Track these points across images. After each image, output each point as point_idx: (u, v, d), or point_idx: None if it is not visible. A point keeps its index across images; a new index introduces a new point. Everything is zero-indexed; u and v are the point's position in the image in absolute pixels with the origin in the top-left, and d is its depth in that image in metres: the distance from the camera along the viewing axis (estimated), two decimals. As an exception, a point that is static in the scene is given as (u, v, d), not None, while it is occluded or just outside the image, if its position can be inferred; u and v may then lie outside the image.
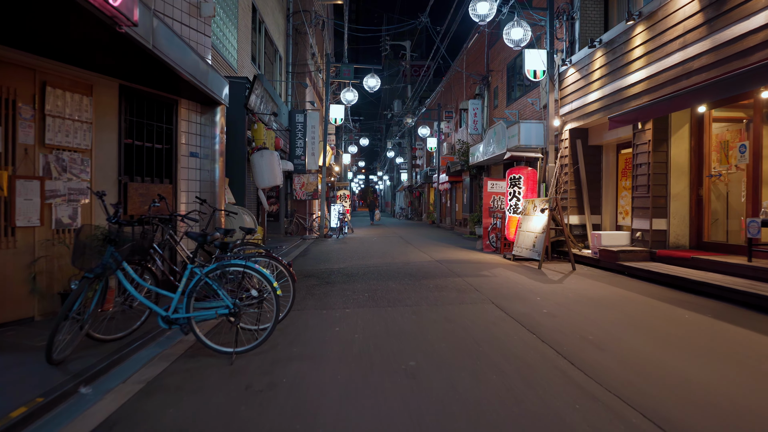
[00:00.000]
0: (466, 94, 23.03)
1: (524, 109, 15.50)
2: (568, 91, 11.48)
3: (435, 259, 10.71)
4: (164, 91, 6.54)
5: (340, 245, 15.08)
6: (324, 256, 11.90)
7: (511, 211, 11.07)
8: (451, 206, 26.84)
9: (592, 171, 11.36)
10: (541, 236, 9.30)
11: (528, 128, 13.44)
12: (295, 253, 12.64)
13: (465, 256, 11.48)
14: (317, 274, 8.79)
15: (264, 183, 8.87)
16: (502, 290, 6.90)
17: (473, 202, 21.41)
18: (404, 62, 38.64)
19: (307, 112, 18.36)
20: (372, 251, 12.88)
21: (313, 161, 18.61)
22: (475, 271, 8.81)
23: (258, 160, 8.79)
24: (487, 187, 13.09)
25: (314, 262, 10.54)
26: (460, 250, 13.23)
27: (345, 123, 35.02)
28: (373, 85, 18.74)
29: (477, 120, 19.99)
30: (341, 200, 25.36)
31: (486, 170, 19.52)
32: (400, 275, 8.39)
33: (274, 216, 17.82)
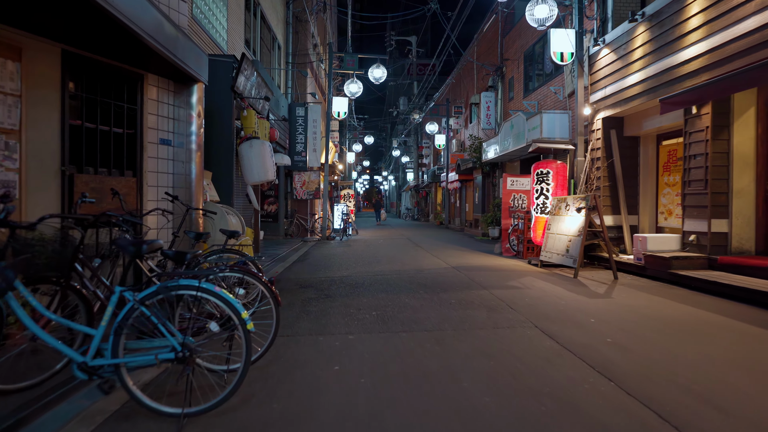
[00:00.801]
0: (478, 87, 21.73)
1: (545, 99, 14.19)
2: (600, 75, 10.16)
3: (451, 266, 9.41)
4: (126, 63, 5.29)
5: (344, 248, 13.81)
6: (325, 261, 10.63)
7: (537, 210, 9.77)
8: (461, 206, 25.53)
9: (627, 165, 10.04)
10: (577, 240, 7.99)
11: (551, 119, 12.13)
12: (294, 257, 11.37)
13: (484, 262, 10.17)
14: (316, 283, 7.51)
15: (253, 178, 7.62)
16: (541, 307, 5.60)
17: (486, 202, 20.09)
18: (411, 55, 37.31)
19: (308, 105, 17.09)
20: (379, 256, 11.59)
21: (314, 158, 17.34)
22: (501, 281, 7.50)
23: (246, 152, 7.55)
24: (506, 184, 11.78)
25: (314, 269, 9.27)
26: (477, 254, 11.92)
27: (349, 120, 33.80)
28: (378, 76, 17.45)
29: (490, 114, 18.68)
30: (345, 200, 24.11)
31: (500, 167, 18.20)
32: (414, 286, 7.10)
33: (272, 216, 16.57)
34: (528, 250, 10.67)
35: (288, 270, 9.20)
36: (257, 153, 7.62)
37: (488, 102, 18.68)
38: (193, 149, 6.05)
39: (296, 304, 6.01)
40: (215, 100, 7.78)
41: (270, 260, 10.64)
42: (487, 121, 18.65)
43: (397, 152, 44.92)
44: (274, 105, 14.46)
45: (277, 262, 10.55)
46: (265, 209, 16.62)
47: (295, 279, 8.06)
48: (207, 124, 7.82)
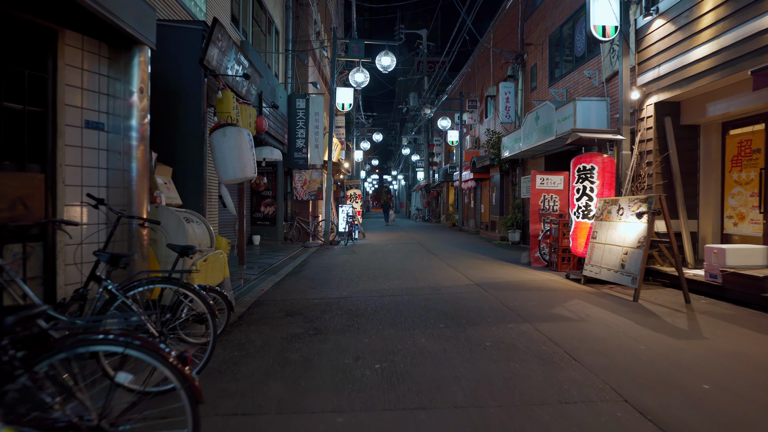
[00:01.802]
0: (494, 78, 20.03)
1: (575, 86, 12.49)
2: (651, 52, 8.46)
3: (474, 282, 7.76)
4: (29, 12, 3.73)
5: (348, 256, 12.21)
6: (324, 274, 9.03)
7: (579, 214, 8.08)
8: (476, 207, 23.83)
9: (684, 160, 8.34)
10: (637, 253, 6.30)
11: (586, 108, 10.45)
12: (288, 268, 9.79)
13: (512, 276, 8.52)
14: (307, 309, 5.91)
15: (227, 175, 6.04)
16: (617, 358, 3.94)
17: (504, 203, 18.40)
18: (421, 46, 35.65)
19: (309, 97, 15.53)
20: (387, 267, 9.97)
21: (316, 155, 15.78)
22: (543, 307, 5.85)
23: (218, 142, 5.97)
24: (535, 182, 10.12)
25: (308, 286, 7.67)
26: (500, 264, 10.26)
27: (357, 116, 32.21)
28: (387, 64, 15.85)
29: (509, 106, 16.98)
30: (351, 200, 22.54)
31: (521, 164, 16.51)
32: (431, 315, 5.47)
33: (270, 219, 15.03)
34: (563, 260, 9.00)
35: (277, 288, 7.62)
36: (232, 144, 6.03)
37: (507, 93, 16.99)
38: (133, 136, 4.47)
39: (273, 345, 4.41)
40: (180, 76, 6.22)
41: (259, 273, 9.07)
42: (506, 114, 16.96)
43: (406, 150, 43.27)
44: (270, 95, 12.91)
45: (267, 274, 8.98)
46: (262, 211, 15.08)
47: (282, 301, 6.47)
48: (169, 106, 6.25)
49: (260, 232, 15.01)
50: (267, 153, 8.61)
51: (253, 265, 10.05)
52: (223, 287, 6.17)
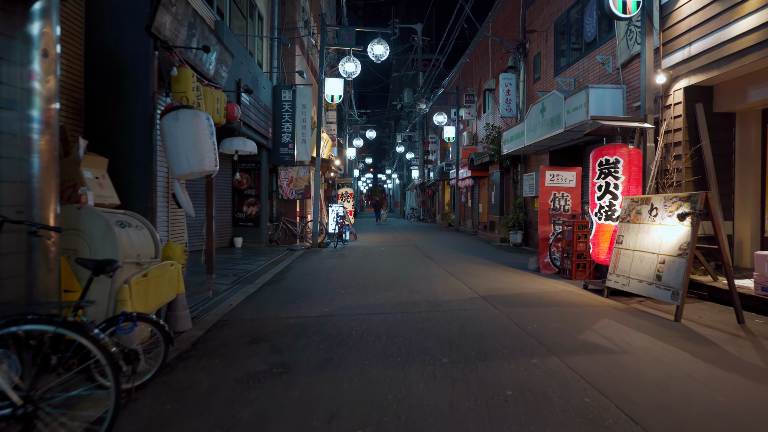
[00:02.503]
0: (493, 70, 18.96)
1: (585, 74, 11.42)
2: (680, 29, 7.40)
3: (479, 294, 6.67)
4: None
5: (336, 260, 11.09)
6: (306, 283, 7.92)
7: (601, 215, 6.96)
8: (473, 206, 22.76)
9: (717, 153, 7.29)
10: (678, 262, 5.22)
11: (600, 96, 9.39)
12: (267, 276, 8.67)
13: (521, 286, 7.43)
14: (276, 334, 4.79)
15: (181, 167, 4.91)
16: (694, 419, 2.85)
17: (505, 202, 17.33)
18: (415, 40, 34.49)
19: (296, 88, 14.40)
20: (379, 274, 8.87)
21: (303, 150, 14.66)
22: (570, 331, 4.76)
23: (170, 127, 4.84)
24: (544, 179, 9.04)
25: (285, 300, 6.55)
26: (505, 271, 9.18)
27: (349, 113, 31.09)
28: (380, 53, 14.74)
29: (510, 99, 15.91)
30: (343, 199, 21.43)
31: (523, 161, 15.45)
32: (432, 346, 4.36)
33: (253, 220, 13.89)
34: (578, 267, 7.93)
35: (249, 302, 6.49)
36: (187, 129, 4.90)
37: (508, 85, 15.91)
38: (35, 117, 3.34)
39: (222, 393, 3.29)
40: (122, 47, 5.10)
41: (232, 282, 7.94)
42: (506, 107, 15.88)
43: (401, 148, 42.16)
44: (251, 83, 11.77)
45: (242, 284, 7.85)
46: (244, 211, 13.93)
47: (249, 322, 5.35)
48: (107, 83, 5.13)
49: (242, 234, 13.88)
50: (239, 144, 7.46)
51: (228, 273, 8.93)
52: (176, 306, 5.06)
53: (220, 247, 13.44)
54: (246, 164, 13.95)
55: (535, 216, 14.29)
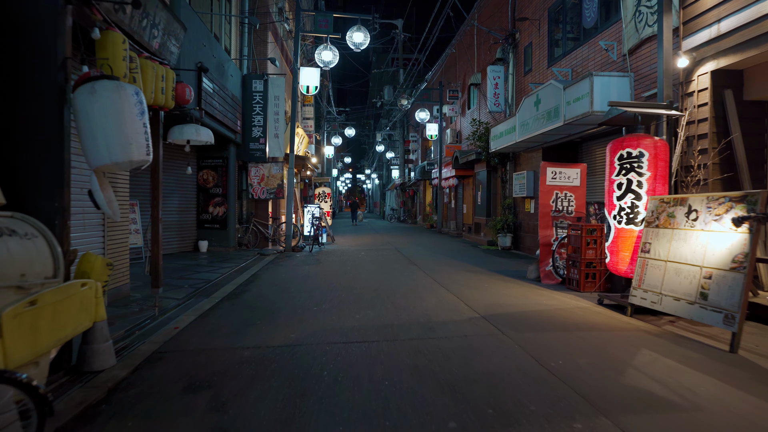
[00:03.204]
0: (479, 64, 17.98)
1: (584, 64, 10.46)
2: (707, 4, 6.43)
3: (479, 313, 5.58)
4: None
5: (311, 267, 9.91)
6: (272, 297, 6.73)
7: (621, 218, 5.88)
8: (457, 207, 21.76)
9: (748, 147, 6.35)
10: (732, 277, 4.19)
11: (605, 85, 8.43)
12: (229, 286, 7.46)
13: (525, 300, 6.38)
14: (222, 377, 3.62)
15: (99, 156, 3.70)
16: None
17: (492, 202, 16.34)
18: (396, 32, 33.35)
19: (268, 78, 13.17)
20: (358, 285, 7.72)
21: (276, 146, 13.44)
22: (608, 370, 3.69)
23: (84, 103, 3.65)
24: (545, 177, 8.02)
25: (243, 320, 5.37)
26: (501, 280, 8.13)
27: (327, 109, 29.84)
28: (359, 41, 13.60)
29: (498, 92, 14.92)
30: (320, 199, 20.22)
31: (512, 159, 14.47)
32: (428, 396, 3.23)
33: (219, 222, 12.60)
34: (587, 277, 6.92)
35: (199, 323, 5.29)
36: (106, 106, 3.71)
37: (496, 78, 14.92)
38: None
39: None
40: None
41: (187, 295, 6.72)
42: (494, 101, 14.89)
43: (381, 147, 41.04)
44: (216, 70, 10.52)
45: (198, 298, 6.64)
46: (210, 212, 12.64)
47: (192, 354, 4.17)
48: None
49: (208, 236, 12.58)
50: (190, 133, 6.22)
51: (184, 284, 7.69)
52: (93, 338, 3.85)
53: (182, 252, 12.14)
54: (212, 160, 12.67)
55: (527, 218, 13.32)
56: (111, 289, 6.08)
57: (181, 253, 11.93)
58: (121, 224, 6.31)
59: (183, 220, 12.32)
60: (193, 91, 6.50)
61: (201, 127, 6.59)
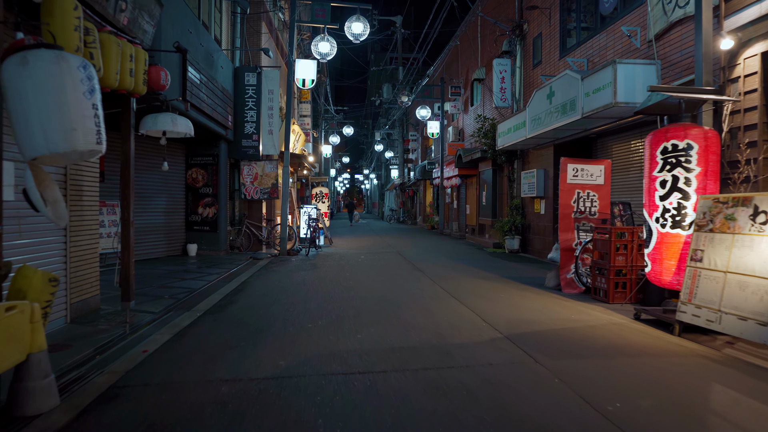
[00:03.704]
0: (483, 58, 17.21)
1: (601, 53, 9.68)
2: (755, -22, 5.67)
3: (501, 332, 4.78)
4: None
5: (306, 273, 9.12)
6: (261, 310, 5.93)
7: (666, 221, 5.00)
8: (459, 208, 20.98)
9: (801, 139, 5.58)
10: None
11: (630, 73, 7.68)
12: (214, 297, 6.67)
13: (552, 316, 5.59)
14: (187, 427, 2.83)
15: (35, 144, 2.91)
16: None
17: (498, 203, 15.57)
18: (396, 27, 32.55)
19: (262, 71, 12.37)
20: (359, 295, 6.93)
21: (270, 143, 12.64)
22: (683, 418, 2.90)
23: (14, 78, 2.87)
24: (566, 175, 7.24)
25: (223, 341, 4.56)
26: (518, 289, 7.35)
27: (326, 106, 29.04)
28: (358, 32, 12.81)
29: (505, 87, 14.14)
30: (318, 200, 19.43)
31: (520, 156, 13.70)
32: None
33: (209, 224, 11.80)
34: (617, 287, 6.14)
35: (171, 346, 4.48)
36: (43, 83, 2.92)
37: (502, 71, 14.14)
38: None
39: None
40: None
41: (164, 309, 5.91)
42: (501, 96, 14.11)
43: (380, 147, 40.25)
44: (204, 60, 9.74)
45: (176, 312, 5.84)
46: (200, 213, 11.84)
47: (156, 391, 3.36)
48: None
49: (197, 239, 11.78)
50: (166, 123, 5.37)
51: (164, 294, 6.89)
52: (26, 374, 3.05)
53: (170, 256, 11.34)
54: (201, 158, 11.87)
55: (536, 219, 12.55)
56: (78, 303, 5.27)
57: (169, 258, 11.13)
58: (88, 228, 5.50)
59: (170, 222, 11.51)
60: (172, 77, 5.70)
61: (178, 116, 5.77)
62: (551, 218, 11.78)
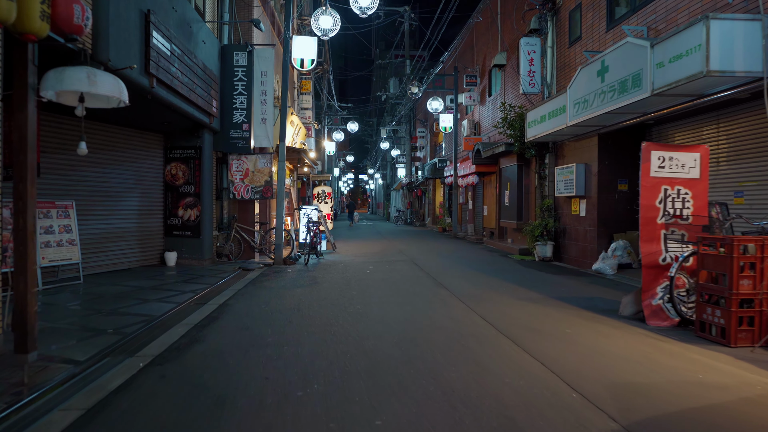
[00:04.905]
0: (504, 42, 15.38)
1: (668, 18, 7.81)
2: None
3: (613, 417, 2.93)
4: None
5: (303, 292, 7.29)
6: (233, 358, 4.10)
7: None
8: (475, 208, 19.11)
9: None
10: None
11: (728, 31, 5.92)
12: (175, 332, 4.85)
13: (664, 373, 3.75)
14: None
15: None
16: None
17: (524, 203, 13.72)
18: (404, 13, 30.66)
19: (253, 49, 10.59)
20: (371, 331, 5.11)
21: (263, 133, 10.85)
22: None
23: None
24: (649, 166, 5.37)
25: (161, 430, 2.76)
26: (580, 316, 5.51)
27: (328, 98, 27.25)
28: (366, 4, 10.97)
29: (534, 70, 12.30)
30: (319, 200, 17.62)
31: (552, 149, 11.85)
32: None
33: (191, 228, 10.00)
34: (741, 323, 4.30)
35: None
36: None
37: (531, 52, 12.30)
38: None
39: None
40: None
41: (90, 357, 4.07)
42: (529, 81, 12.27)
43: (385, 144, 38.40)
44: (182, 33, 7.97)
45: (112, 358, 4.02)
46: (180, 216, 10.05)
47: None
48: None
49: (178, 246, 9.99)
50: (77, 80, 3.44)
51: (110, 324, 5.09)
52: None
53: (145, 266, 9.56)
54: (181, 150, 10.07)
55: (574, 222, 10.70)
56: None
57: (142, 269, 9.35)
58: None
59: (145, 227, 9.72)
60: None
61: (99, 71, 3.95)
62: (593, 221, 9.94)
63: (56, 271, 7.64)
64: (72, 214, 7.70)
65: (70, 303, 6.13)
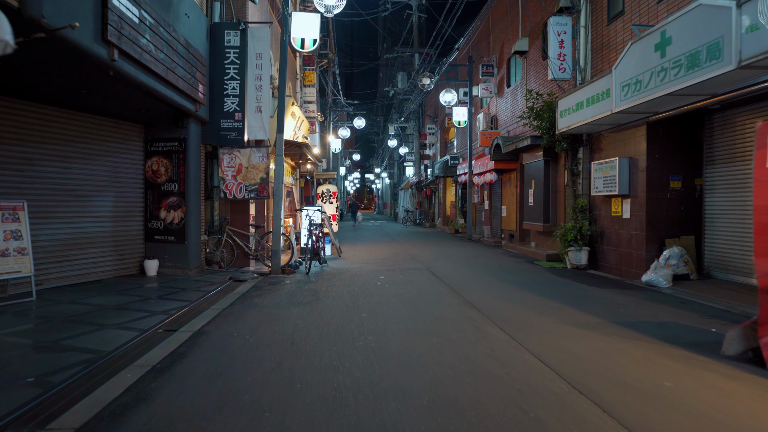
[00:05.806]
0: (525, 26, 13.96)
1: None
2: None
3: None
4: None
5: (301, 312, 5.91)
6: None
7: None
8: (492, 209, 17.66)
9: None
10: None
11: None
12: (123, 381, 3.48)
13: None
14: None
15: None
16: None
17: (551, 203, 12.28)
18: (411, 11, 29.22)
19: (246, 28, 9.24)
20: (389, 378, 3.74)
21: (259, 124, 9.50)
22: None
23: None
24: (766, 154, 3.95)
25: None
26: (668, 355, 4.12)
27: (334, 93, 25.91)
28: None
29: (565, 53, 10.86)
30: (324, 200, 16.26)
31: (586, 143, 10.41)
32: None
33: (175, 233, 8.67)
34: None
35: None
36: None
37: (561, 33, 10.86)
38: None
39: None
40: None
41: None
42: (559, 65, 10.84)
43: (393, 142, 36.97)
44: (160, 3, 6.63)
45: None
46: (162, 218, 8.72)
47: None
48: None
49: (160, 253, 8.67)
50: None
51: (37, 368, 3.76)
52: None
53: (120, 276, 8.26)
54: (163, 143, 8.75)
55: (615, 225, 9.26)
56: None
57: (117, 279, 8.04)
58: None
59: (121, 231, 8.41)
60: None
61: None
62: (641, 224, 8.52)
63: (5, 286, 6.33)
64: (23, 217, 6.37)
65: (0, 331, 4.79)
